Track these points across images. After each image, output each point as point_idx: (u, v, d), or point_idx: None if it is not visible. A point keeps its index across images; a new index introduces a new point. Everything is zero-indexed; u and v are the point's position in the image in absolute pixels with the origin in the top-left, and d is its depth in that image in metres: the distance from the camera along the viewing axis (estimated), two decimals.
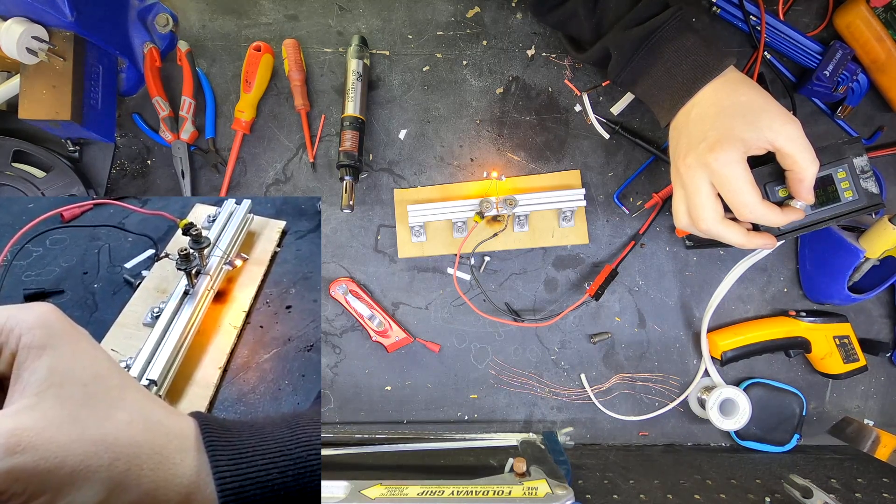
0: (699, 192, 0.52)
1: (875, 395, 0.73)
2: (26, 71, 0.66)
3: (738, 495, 0.59)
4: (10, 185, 0.72)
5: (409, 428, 0.74)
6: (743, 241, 0.53)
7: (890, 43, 0.65)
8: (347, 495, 0.52)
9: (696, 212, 0.53)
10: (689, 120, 0.54)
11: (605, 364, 0.73)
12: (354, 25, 0.77)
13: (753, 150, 0.50)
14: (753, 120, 0.50)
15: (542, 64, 0.76)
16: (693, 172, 0.52)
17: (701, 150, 0.51)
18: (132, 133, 0.78)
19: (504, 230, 0.71)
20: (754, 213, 0.50)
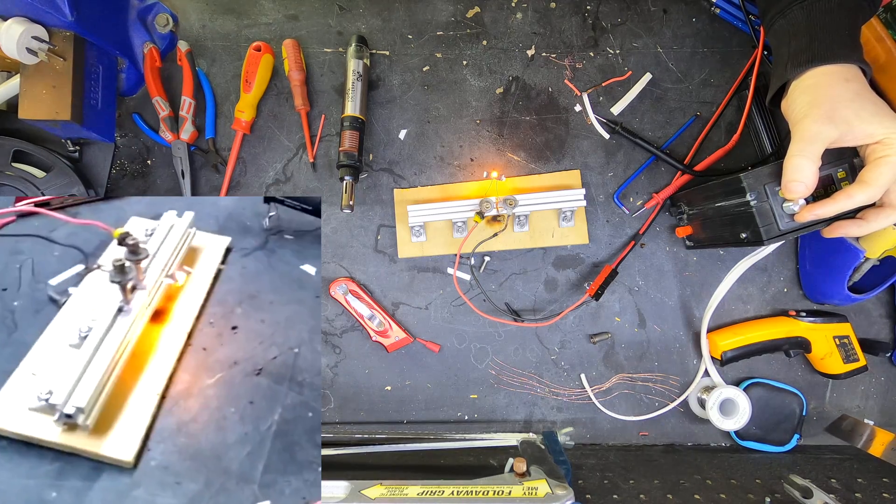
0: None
1: (875, 395, 0.73)
2: (26, 71, 0.66)
3: (738, 495, 0.59)
4: (10, 185, 0.72)
5: (409, 428, 0.74)
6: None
7: (890, 43, 0.65)
8: (347, 495, 0.52)
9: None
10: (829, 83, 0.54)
11: (605, 364, 0.73)
12: (354, 25, 0.77)
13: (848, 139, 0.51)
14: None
15: (542, 64, 0.76)
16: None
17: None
18: (132, 133, 0.78)
19: (504, 230, 0.71)
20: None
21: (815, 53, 0.53)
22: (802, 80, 0.54)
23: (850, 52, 0.53)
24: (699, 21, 0.75)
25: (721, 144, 0.72)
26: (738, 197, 0.58)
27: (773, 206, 0.56)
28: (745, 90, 0.71)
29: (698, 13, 0.75)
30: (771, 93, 0.59)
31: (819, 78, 0.53)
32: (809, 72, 0.53)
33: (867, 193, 0.51)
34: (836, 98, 0.51)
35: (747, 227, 0.58)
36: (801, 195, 0.53)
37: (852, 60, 0.53)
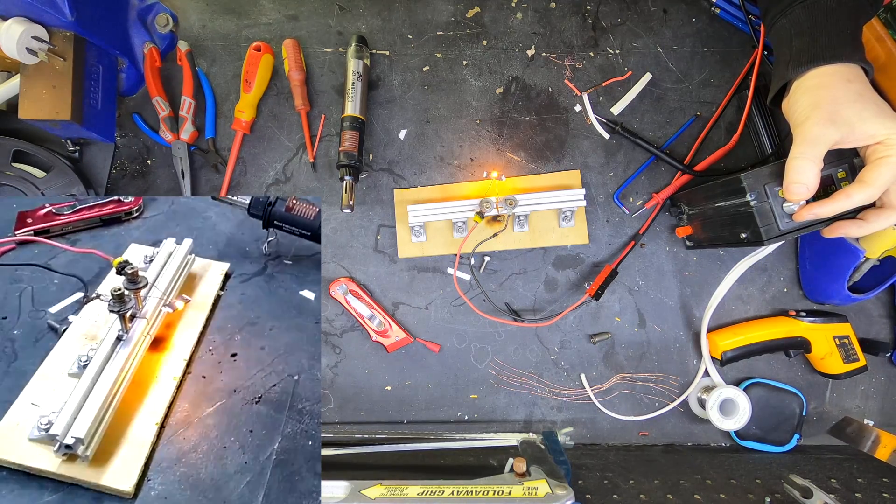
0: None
1: (875, 395, 0.73)
2: (26, 71, 0.66)
3: (738, 495, 0.59)
4: (10, 185, 0.72)
5: (409, 428, 0.74)
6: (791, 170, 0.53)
7: (890, 43, 0.65)
8: (347, 495, 0.52)
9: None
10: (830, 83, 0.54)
11: (605, 364, 0.73)
12: (354, 25, 0.77)
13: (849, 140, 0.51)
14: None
15: (542, 64, 0.76)
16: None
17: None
18: (132, 133, 0.78)
19: (504, 230, 0.71)
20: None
21: (816, 53, 0.53)
22: (804, 80, 0.54)
23: (851, 51, 0.53)
24: (699, 21, 0.75)
25: (721, 144, 0.72)
26: (738, 197, 0.58)
27: (773, 206, 0.56)
28: (745, 90, 0.71)
29: (698, 13, 0.75)
30: (772, 93, 0.59)
31: (821, 78, 0.53)
32: (811, 72, 0.53)
33: (866, 193, 0.51)
34: (838, 99, 0.51)
35: (747, 227, 0.58)
36: (804, 197, 0.53)
37: (854, 60, 0.53)
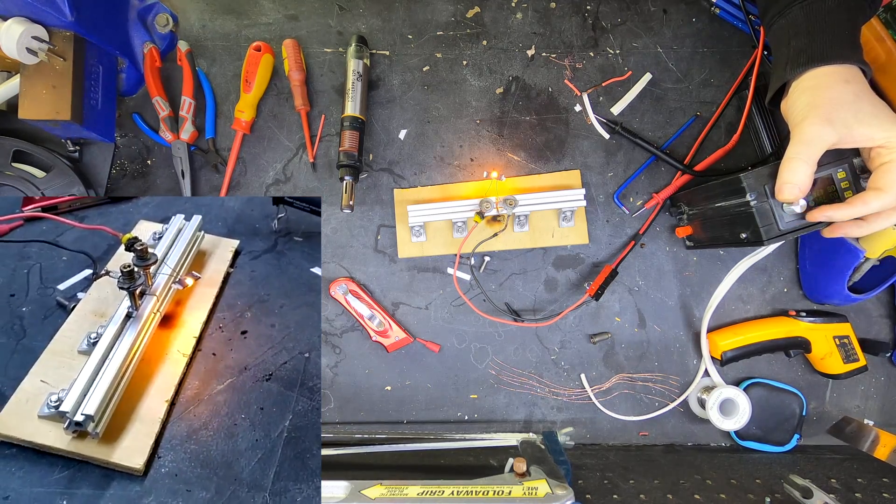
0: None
1: (875, 395, 0.73)
2: (26, 71, 0.66)
3: (738, 495, 0.59)
4: (10, 185, 0.72)
5: (409, 428, 0.74)
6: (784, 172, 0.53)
7: (890, 43, 0.65)
8: (347, 495, 0.52)
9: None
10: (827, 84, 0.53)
11: (605, 364, 0.73)
12: (354, 25, 0.77)
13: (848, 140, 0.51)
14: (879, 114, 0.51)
15: (542, 64, 0.76)
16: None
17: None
18: (132, 133, 0.78)
19: (504, 230, 0.71)
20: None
21: (814, 54, 0.53)
22: (802, 80, 0.54)
23: (850, 52, 0.53)
24: (699, 21, 0.75)
25: (721, 144, 0.72)
26: (737, 197, 0.58)
27: (773, 206, 0.56)
28: (745, 90, 0.71)
29: (698, 13, 0.75)
30: (770, 93, 0.59)
31: (819, 79, 0.53)
32: (809, 72, 0.53)
33: (883, 200, 0.51)
34: (836, 100, 0.51)
35: (747, 227, 0.58)
36: (794, 198, 0.53)
37: (852, 61, 0.53)
